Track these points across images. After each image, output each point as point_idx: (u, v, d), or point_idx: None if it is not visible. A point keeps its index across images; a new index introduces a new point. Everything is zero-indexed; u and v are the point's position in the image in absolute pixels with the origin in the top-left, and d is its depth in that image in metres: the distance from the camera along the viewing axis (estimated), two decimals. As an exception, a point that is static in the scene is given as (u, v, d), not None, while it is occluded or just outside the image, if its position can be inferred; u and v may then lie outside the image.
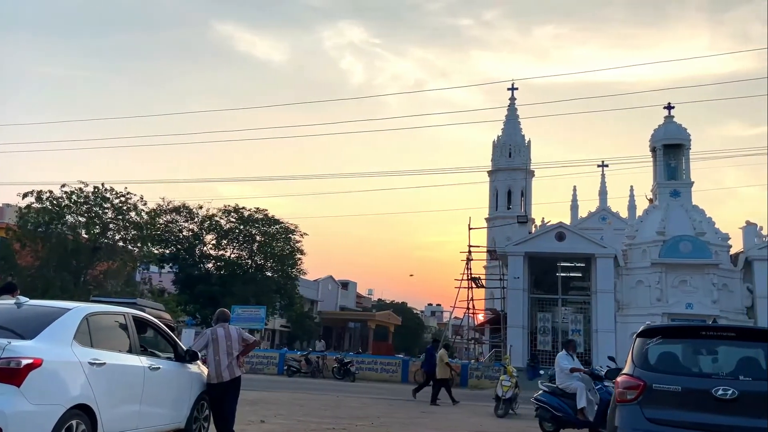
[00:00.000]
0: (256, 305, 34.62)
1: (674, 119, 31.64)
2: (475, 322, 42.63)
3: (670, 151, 31.08)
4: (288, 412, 12.05)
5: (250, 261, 41.47)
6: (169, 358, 7.18)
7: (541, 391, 10.97)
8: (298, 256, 42.38)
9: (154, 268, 38.27)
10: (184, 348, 7.43)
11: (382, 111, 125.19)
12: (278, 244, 41.62)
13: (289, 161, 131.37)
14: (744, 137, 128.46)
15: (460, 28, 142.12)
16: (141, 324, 6.97)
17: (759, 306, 28.04)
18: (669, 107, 31.75)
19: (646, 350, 5.96)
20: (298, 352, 31.36)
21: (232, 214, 40.49)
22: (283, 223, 41.52)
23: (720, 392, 5.30)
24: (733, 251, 30.22)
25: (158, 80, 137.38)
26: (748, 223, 30.35)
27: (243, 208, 40.59)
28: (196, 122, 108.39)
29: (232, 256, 41.15)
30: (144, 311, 10.14)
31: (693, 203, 30.52)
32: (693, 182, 30.85)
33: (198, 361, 7.56)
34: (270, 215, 41.14)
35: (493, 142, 49.15)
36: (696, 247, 28.23)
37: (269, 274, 41.97)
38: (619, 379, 5.97)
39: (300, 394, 16.97)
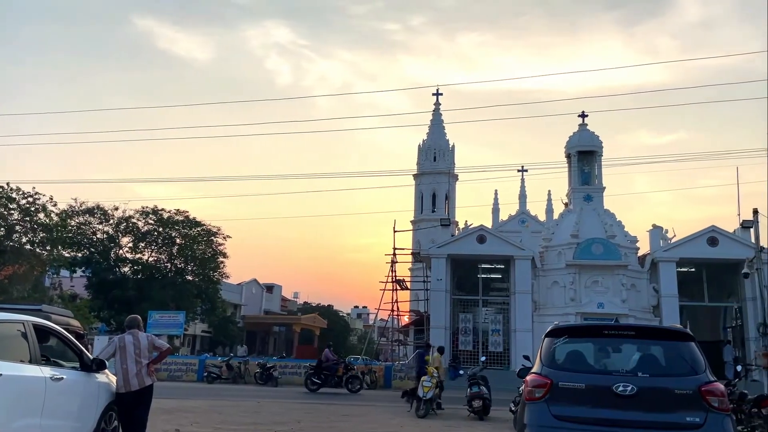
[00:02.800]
0: (176, 310, 33.58)
1: (588, 127, 33.12)
2: (400, 324, 43.12)
3: (584, 157, 32.52)
4: (205, 420, 11.75)
5: (169, 264, 40.17)
6: (74, 368, 6.85)
7: None
8: (221, 259, 41.45)
9: (65, 272, 36.40)
10: (91, 357, 7.12)
11: (309, 113, 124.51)
12: (200, 247, 40.54)
13: (213, 162, 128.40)
14: (652, 145, 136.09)
15: (387, 33, 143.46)
16: (43, 332, 6.61)
17: (664, 305, 29.74)
18: (583, 115, 33.22)
19: (554, 349, 6.18)
20: (219, 358, 30.60)
21: (151, 215, 39.10)
22: (204, 225, 40.50)
23: (620, 388, 5.55)
24: (640, 253, 31.89)
25: (71, 75, 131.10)
26: (654, 226, 32.11)
27: (162, 209, 39.33)
28: (112, 120, 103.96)
29: (150, 259, 39.74)
30: (50, 318, 9.63)
31: (605, 207, 32.01)
32: (605, 187, 32.40)
33: (106, 370, 7.27)
34: (191, 217, 40.04)
35: (419, 146, 49.94)
36: (607, 249, 29.65)
37: (190, 277, 40.80)
38: (528, 377, 6.16)
39: (219, 401, 16.57)
